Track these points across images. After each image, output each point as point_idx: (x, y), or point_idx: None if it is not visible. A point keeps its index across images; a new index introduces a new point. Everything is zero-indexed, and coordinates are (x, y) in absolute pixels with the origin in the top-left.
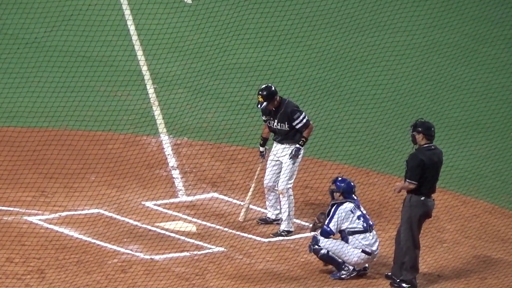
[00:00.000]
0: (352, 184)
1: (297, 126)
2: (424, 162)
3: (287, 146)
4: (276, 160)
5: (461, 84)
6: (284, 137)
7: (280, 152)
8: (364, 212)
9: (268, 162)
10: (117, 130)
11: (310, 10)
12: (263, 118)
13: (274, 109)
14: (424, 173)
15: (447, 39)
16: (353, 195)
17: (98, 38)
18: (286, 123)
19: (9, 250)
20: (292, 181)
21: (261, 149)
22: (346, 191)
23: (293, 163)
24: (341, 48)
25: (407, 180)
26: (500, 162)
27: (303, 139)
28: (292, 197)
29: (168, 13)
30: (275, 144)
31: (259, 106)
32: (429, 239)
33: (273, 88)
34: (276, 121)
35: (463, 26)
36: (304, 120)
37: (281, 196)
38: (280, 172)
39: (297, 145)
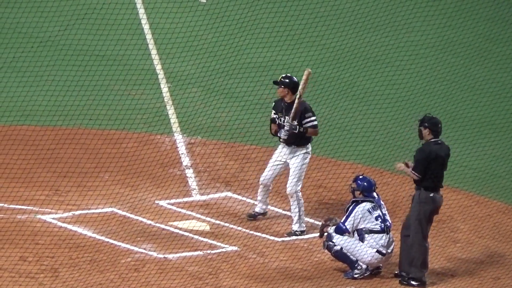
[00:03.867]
0: (372, 182)
1: (306, 125)
2: (431, 155)
3: (295, 148)
4: (280, 161)
5: (475, 84)
6: (291, 137)
7: (287, 155)
8: (384, 211)
9: (271, 161)
10: (131, 129)
11: (324, 10)
12: (273, 114)
13: (287, 104)
14: (430, 166)
15: (461, 38)
16: (374, 193)
17: (112, 37)
18: (296, 121)
19: (23, 249)
20: (300, 183)
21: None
22: (365, 190)
23: (301, 166)
24: (355, 47)
25: (412, 171)
26: None
27: (305, 130)
28: (301, 199)
29: (182, 12)
30: (281, 146)
31: (274, 82)
32: (443, 239)
33: (295, 80)
34: (287, 118)
35: (477, 26)
36: (315, 122)
37: (290, 198)
38: (279, 173)
39: (296, 123)
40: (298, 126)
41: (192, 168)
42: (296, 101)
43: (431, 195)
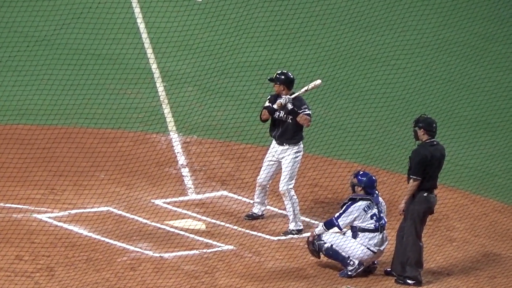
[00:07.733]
0: (373, 178)
1: (299, 111)
2: (427, 157)
3: (287, 147)
4: (275, 161)
5: (471, 83)
6: (283, 133)
7: (279, 153)
8: (381, 209)
9: (265, 161)
10: (127, 128)
11: (320, 8)
12: (267, 103)
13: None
14: (426, 168)
15: (457, 37)
16: (375, 190)
17: (107, 36)
18: (292, 104)
19: (19, 248)
20: (293, 181)
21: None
22: (367, 186)
23: (292, 164)
24: (351, 46)
25: (411, 176)
26: (509, 161)
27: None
28: (295, 197)
29: (178, 11)
30: (273, 144)
31: (270, 79)
32: (439, 238)
33: (291, 76)
34: (283, 111)
35: (473, 25)
36: (309, 112)
37: (283, 197)
38: (275, 172)
39: (289, 97)
40: (293, 107)
41: (187, 167)
42: (301, 90)
43: (425, 194)
